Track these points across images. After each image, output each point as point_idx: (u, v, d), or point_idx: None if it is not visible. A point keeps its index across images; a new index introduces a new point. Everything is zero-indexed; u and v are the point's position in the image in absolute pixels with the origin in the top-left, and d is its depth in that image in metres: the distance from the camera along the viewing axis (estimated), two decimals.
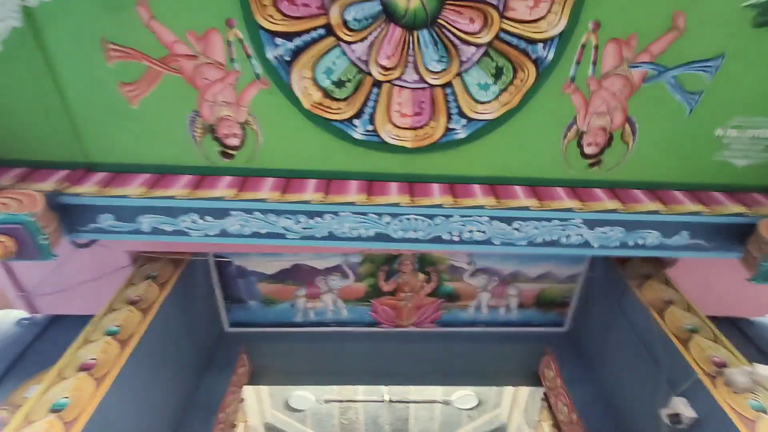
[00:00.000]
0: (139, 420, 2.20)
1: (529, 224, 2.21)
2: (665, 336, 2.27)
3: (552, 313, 3.34)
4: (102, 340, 2.11)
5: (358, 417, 5.33)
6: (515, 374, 3.56)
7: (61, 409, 1.79)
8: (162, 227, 2.17)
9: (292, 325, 3.33)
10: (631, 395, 2.59)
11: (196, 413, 2.77)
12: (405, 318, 3.32)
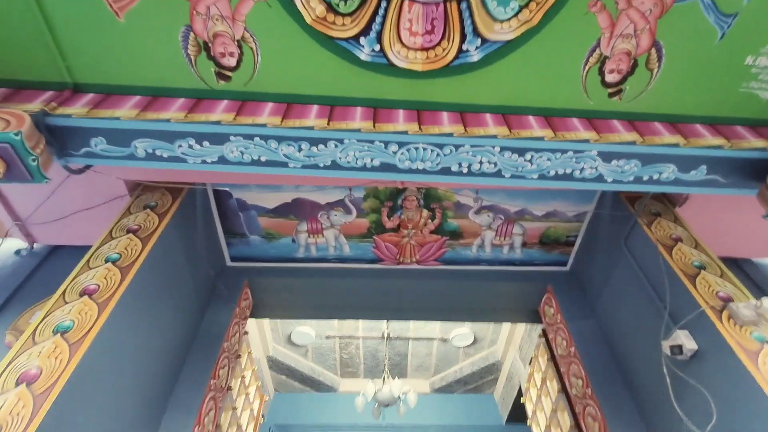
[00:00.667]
0: (144, 345, 2.22)
1: (542, 155, 2.12)
2: (672, 272, 2.25)
3: (555, 252, 3.33)
4: (103, 266, 2.09)
5: (358, 352, 5.51)
6: (516, 312, 3.62)
7: (66, 331, 1.78)
8: (157, 153, 2.07)
9: (294, 260, 3.32)
10: (631, 331, 2.63)
11: (202, 342, 2.82)
12: (408, 255, 3.30)
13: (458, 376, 5.64)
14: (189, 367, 2.67)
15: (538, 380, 3.81)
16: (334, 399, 5.68)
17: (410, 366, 5.73)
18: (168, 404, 2.48)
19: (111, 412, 1.94)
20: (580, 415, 2.79)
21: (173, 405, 2.48)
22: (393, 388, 4.52)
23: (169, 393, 2.50)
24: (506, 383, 5.36)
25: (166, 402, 2.47)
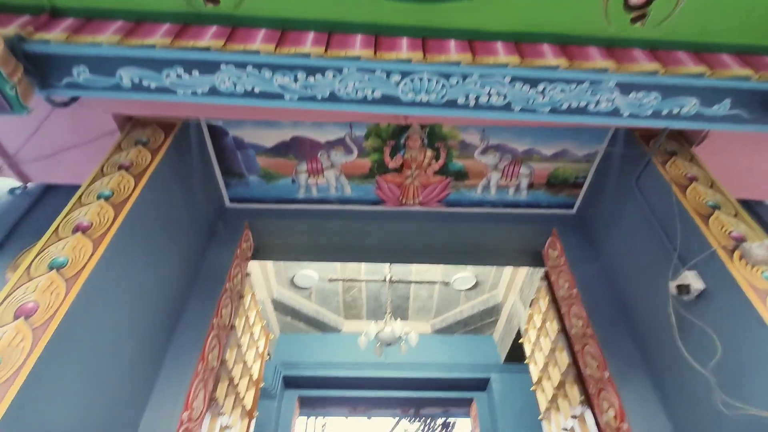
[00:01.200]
0: (143, 282, 2.21)
1: (555, 87, 1.98)
2: (685, 212, 2.17)
3: (562, 195, 3.24)
4: (95, 203, 2.03)
5: (361, 294, 5.60)
6: (519, 254, 3.59)
7: (61, 267, 1.76)
8: (144, 83, 1.95)
9: (295, 201, 3.25)
10: (635, 273, 2.59)
11: (203, 282, 2.82)
12: (411, 197, 3.23)
13: (459, 318, 5.76)
14: (191, 307, 2.68)
15: (538, 321, 3.86)
16: (337, 339, 5.85)
17: (412, 308, 5.85)
18: (171, 341, 2.51)
19: (111, 346, 1.96)
20: (578, 353, 2.83)
21: (176, 342, 2.51)
22: (395, 328, 4.63)
23: (171, 331, 2.53)
24: (506, 325, 5.48)
25: (169, 339, 2.50)
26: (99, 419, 1.88)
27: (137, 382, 2.21)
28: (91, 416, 1.83)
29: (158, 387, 2.35)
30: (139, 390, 2.23)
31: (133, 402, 2.18)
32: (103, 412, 1.91)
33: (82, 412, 1.76)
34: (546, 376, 3.69)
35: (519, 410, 5.20)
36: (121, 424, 2.07)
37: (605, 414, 2.47)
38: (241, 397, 3.61)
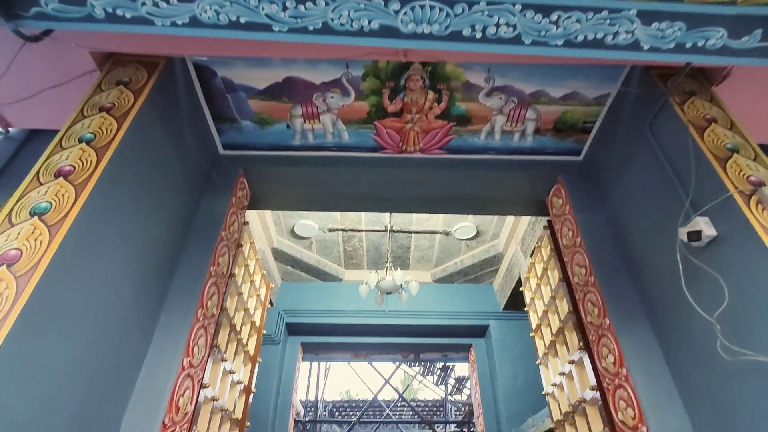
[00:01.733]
0: (134, 230, 2.13)
1: (570, 16, 1.79)
2: (702, 155, 2.05)
3: (569, 140, 3.09)
4: (77, 147, 1.91)
5: (362, 244, 5.59)
6: (522, 203, 3.50)
7: (43, 213, 1.67)
8: (118, 12, 1.77)
9: (290, 148, 3.12)
10: (643, 221, 2.51)
11: (199, 230, 2.76)
12: (411, 143, 3.09)
13: (459, 268, 5.79)
14: (187, 255, 2.63)
15: (539, 270, 3.84)
16: (339, 288, 5.92)
17: (412, 258, 5.86)
18: (168, 290, 2.48)
19: (104, 295, 1.91)
20: (579, 302, 2.81)
21: (174, 290, 2.49)
22: (395, 277, 4.64)
23: (168, 279, 2.49)
24: (506, 274, 5.51)
25: (166, 288, 2.47)
26: (95, 368, 1.88)
27: (135, 330, 2.20)
28: (87, 365, 1.82)
29: (158, 335, 2.34)
30: (137, 338, 2.22)
31: (132, 350, 2.18)
32: (99, 361, 1.90)
33: (75, 361, 1.75)
34: (545, 324, 3.73)
35: (516, 355, 5.33)
36: (120, 372, 2.08)
37: (604, 359, 2.48)
38: (244, 344, 3.67)
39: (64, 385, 1.69)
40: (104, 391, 1.95)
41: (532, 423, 4.39)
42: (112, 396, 2.02)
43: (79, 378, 1.78)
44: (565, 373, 3.20)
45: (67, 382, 1.71)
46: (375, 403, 12.70)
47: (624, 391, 2.28)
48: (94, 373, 1.87)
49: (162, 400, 2.14)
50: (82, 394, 1.79)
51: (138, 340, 2.23)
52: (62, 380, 1.68)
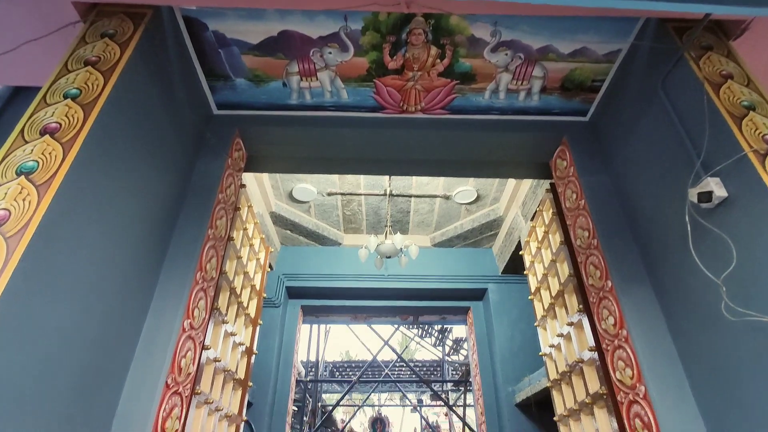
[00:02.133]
0: (127, 191, 2.07)
1: None
2: (716, 113, 1.97)
3: (576, 100, 2.99)
4: (62, 103, 1.82)
5: (361, 209, 5.54)
6: (525, 166, 3.42)
7: (30, 172, 1.61)
8: None
9: (287, 108, 3.01)
10: (650, 182, 2.45)
11: (195, 193, 2.70)
12: (412, 102, 2.98)
13: (458, 232, 5.77)
14: (184, 218, 2.59)
15: (540, 234, 3.82)
16: (338, 252, 5.92)
17: (412, 222, 5.83)
18: (166, 252, 2.45)
19: (99, 257, 1.87)
20: (581, 264, 2.80)
21: (172, 253, 2.45)
22: (395, 241, 4.62)
23: (165, 241, 2.45)
24: (505, 238, 5.50)
25: (164, 250, 2.44)
26: (95, 330, 1.86)
27: (134, 292, 2.17)
28: (86, 327, 1.81)
29: (157, 297, 2.33)
30: (137, 300, 2.21)
31: (132, 312, 2.17)
32: (99, 323, 1.89)
33: (74, 323, 1.73)
34: (544, 287, 3.74)
35: (514, 318, 5.40)
36: (121, 334, 2.07)
37: (604, 321, 2.49)
38: (244, 307, 3.68)
39: (65, 346, 1.67)
40: (106, 353, 1.95)
41: (529, 382, 4.50)
42: (114, 357, 2.02)
43: (80, 339, 1.76)
44: (564, 335, 3.23)
45: (68, 344, 1.69)
46: (374, 364, 13.06)
47: (623, 352, 2.30)
48: (95, 334, 1.86)
49: (164, 361, 2.15)
50: (83, 355, 1.79)
51: (138, 302, 2.22)
52: (63, 341, 1.66)
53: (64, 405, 1.68)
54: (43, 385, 1.56)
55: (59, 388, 1.65)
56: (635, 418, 2.18)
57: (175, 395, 2.21)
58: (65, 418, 1.69)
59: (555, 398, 3.45)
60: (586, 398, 2.78)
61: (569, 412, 3.14)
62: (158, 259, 2.40)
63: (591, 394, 2.72)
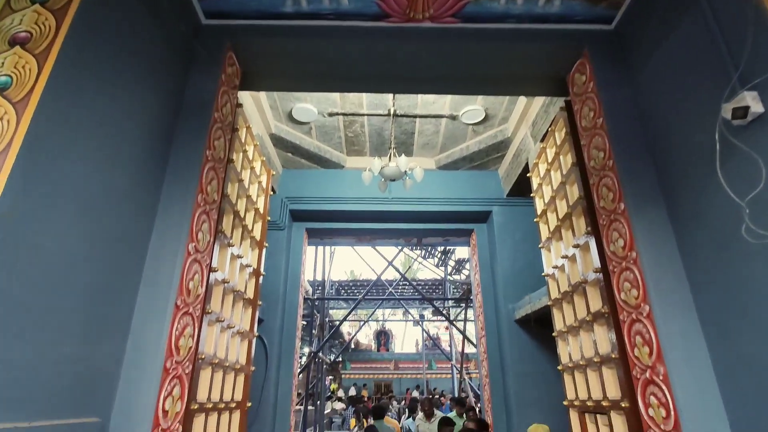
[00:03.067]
0: (112, 108, 1.93)
1: None
2: (763, 18, 1.75)
3: (601, 6, 2.69)
4: (30, 9, 1.62)
5: (364, 130, 5.35)
6: (541, 81, 3.18)
7: (4, 88, 1.47)
8: None
9: (282, 16, 2.74)
10: (677, 97, 2.27)
11: (189, 112, 2.55)
12: (419, 9, 2.69)
13: (464, 154, 5.61)
14: (180, 138, 2.47)
15: (550, 155, 3.68)
16: (341, 175, 5.82)
17: (416, 144, 5.65)
18: (165, 175, 2.37)
19: (94, 178, 1.79)
20: (593, 186, 2.71)
21: (171, 175, 2.37)
22: (399, 163, 4.51)
23: (163, 163, 2.36)
24: (512, 160, 5.36)
25: (162, 172, 2.36)
26: (98, 253, 1.84)
27: (134, 216, 2.13)
28: (89, 250, 1.78)
29: (160, 221, 2.29)
30: (138, 224, 2.17)
31: (134, 236, 2.14)
32: (101, 247, 1.86)
33: (74, 246, 1.70)
34: (551, 209, 3.69)
35: (518, 240, 5.44)
36: (126, 257, 2.06)
37: (613, 243, 2.46)
38: (249, 230, 3.68)
39: (67, 269, 1.66)
40: (113, 275, 1.95)
41: (529, 300, 4.64)
42: (121, 279, 2.03)
43: (83, 262, 1.75)
44: (568, 257, 3.24)
45: (71, 267, 1.68)
46: (378, 282, 13.59)
47: (630, 273, 2.30)
48: (99, 256, 1.84)
49: (171, 284, 2.17)
50: (88, 278, 1.78)
51: (139, 226, 2.18)
52: (65, 265, 1.64)
53: (75, 323, 1.71)
54: (51, 304, 1.57)
55: (67, 307, 1.66)
56: (636, 335, 2.23)
57: (186, 315, 2.26)
58: (78, 334, 1.72)
59: (555, 316, 3.56)
60: (586, 316, 2.85)
61: (568, 328, 3.25)
62: (157, 180, 2.32)
63: (592, 312, 2.78)
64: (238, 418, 3.30)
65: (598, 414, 2.79)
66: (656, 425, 2.07)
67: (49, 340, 1.57)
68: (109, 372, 1.92)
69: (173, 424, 2.13)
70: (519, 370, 4.82)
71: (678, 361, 2.02)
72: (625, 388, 2.34)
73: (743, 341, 1.83)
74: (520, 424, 4.44)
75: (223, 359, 2.94)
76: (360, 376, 22.83)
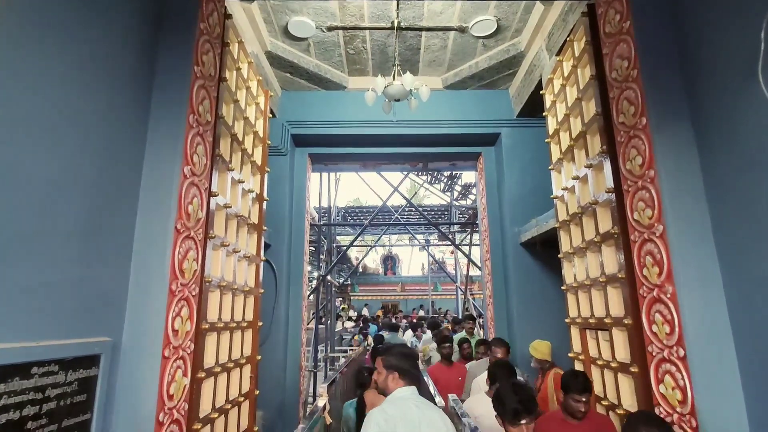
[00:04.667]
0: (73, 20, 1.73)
1: None
2: None
3: None
4: None
5: (365, 46, 4.98)
6: None
7: None
8: None
9: None
10: None
11: (171, 22, 2.32)
12: None
13: (473, 71, 5.25)
14: (164, 53, 2.27)
15: (567, 69, 3.42)
16: (343, 96, 5.54)
17: (422, 62, 5.29)
18: (152, 92, 2.21)
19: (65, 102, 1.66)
20: (613, 100, 2.52)
21: (158, 93, 2.22)
22: (405, 81, 4.24)
23: (147, 80, 2.19)
24: (525, 77, 5.02)
25: (148, 91, 2.19)
26: (89, 178, 1.76)
27: (122, 138, 2.01)
28: (78, 176, 1.69)
29: (151, 144, 2.17)
30: (128, 147, 2.06)
31: (126, 159, 2.04)
32: (91, 172, 1.77)
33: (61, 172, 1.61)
34: (564, 128, 3.51)
35: (527, 163, 5.29)
36: (119, 182, 1.98)
37: (630, 161, 2.33)
38: (249, 154, 3.57)
39: (56, 193, 1.59)
40: (107, 199, 1.88)
41: (536, 223, 4.60)
42: (117, 204, 1.96)
43: (73, 185, 1.67)
44: (579, 177, 3.12)
45: (59, 190, 1.60)
46: (384, 209, 13.66)
47: (646, 192, 2.19)
48: (89, 181, 1.76)
49: (170, 208, 2.11)
50: (81, 201, 1.72)
51: (130, 149, 2.07)
52: (52, 188, 1.57)
53: (74, 246, 1.68)
54: (43, 228, 1.52)
55: (62, 230, 1.62)
56: (647, 255, 2.19)
57: (188, 239, 2.23)
58: (78, 258, 1.70)
59: (562, 238, 3.53)
60: (595, 237, 2.80)
61: (575, 249, 3.23)
62: (142, 100, 2.17)
63: (601, 233, 2.73)
64: (250, 336, 3.44)
65: (600, 330, 2.85)
66: (659, 341, 2.10)
67: (49, 263, 1.54)
68: (115, 294, 1.93)
69: (185, 342, 2.19)
70: (522, 291, 4.93)
71: (688, 281, 1.99)
72: (629, 306, 2.35)
73: (760, 264, 1.77)
74: (522, 340, 4.63)
75: (231, 282, 2.99)
76: (368, 298, 23.90)
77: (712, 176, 2.04)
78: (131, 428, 1.85)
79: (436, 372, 4.46)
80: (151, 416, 1.88)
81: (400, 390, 1.98)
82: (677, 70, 2.24)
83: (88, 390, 1.68)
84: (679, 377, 1.96)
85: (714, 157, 2.03)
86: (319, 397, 2.78)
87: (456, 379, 4.34)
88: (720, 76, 1.98)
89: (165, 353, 1.99)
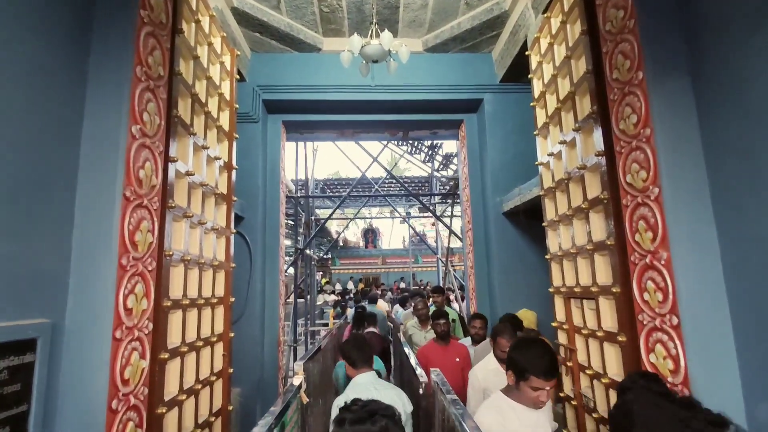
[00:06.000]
0: None
1: None
2: None
3: None
4: None
5: (341, 4, 4.63)
6: None
7: None
8: None
9: None
10: None
11: None
12: None
13: (455, 33, 4.98)
14: None
15: (555, 25, 3.21)
16: (318, 59, 5.20)
17: (401, 21, 4.98)
18: (90, 40, 1.91)
19: None
20: (606, 55, 2.34)
21: (98, 43, 1.92)
22: (383, 41, 3.95)
23: (86, 26, 1.89)
24: (509, 39, 4.78)
25: (87, 39, 1.89)
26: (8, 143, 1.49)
27: (52, 94, 1.73)
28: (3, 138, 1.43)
29: (91, 99, 1.89)
30: (60, 103, 1.78)
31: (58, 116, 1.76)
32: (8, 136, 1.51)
33: None
34: (551, 91, 3.32)
35: (510, 130, 5.12)
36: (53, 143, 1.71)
37: (624, 120, 2.17)
38: (214, 118, 3.29)
39: None
40: (38, 163, 1.62)
41: (519, 192, 4.47)
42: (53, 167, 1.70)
43: None
44: (567, 142, 2.97)
45: None
46: (364, 180, 13.40)
47: (640, 153, 2.05)
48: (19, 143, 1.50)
49: (116, 172, 1.86)
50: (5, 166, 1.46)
51: (64, 105, 1.79)
52: None
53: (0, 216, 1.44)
54: None
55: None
56: (639, 219, 2.06)
57: (140, 208, 1.99)
58: (5, 228, 1.46)
59: (546, 206, 3.41)
60: (582, 204, 2.67)
61: (560, 217, 3.11)
62: (75, 47, 1.87)
63: (589, 199, 2.60)
64: (222, 312, 3.25)
65: (585, 299, 2.76)
66: (650, 309, 2.00)
67: None
68: (55, 271, 1.70)
69: (141, 321, 1.98)
70: (504, 261, 4.84)
71: (684, 246, 1.87)
72: (618, 273, 2.24)
73: (760, 221, 1.65)
74: (504, 310, 4.57)
75: (197, 256, 2.77)
76: (349, 271, 23.88)
77: (710, 133, 1.90)
78: (79, 418, 1.66)
79: (428, 353, 3.66)
80: (102, 404, 1.69)
81: (360, 377, 2.39)
82: (677, 20, 2.06)
83: (23, 379, 1.48)
84: (672, 346, 1.87)
85: (714, 111, 1.89)
86: (295, 375, 2.63)
87: (453, 360, 3.59)
88: (724, 26, 1.81)
89: (116, 335, 1.78)
